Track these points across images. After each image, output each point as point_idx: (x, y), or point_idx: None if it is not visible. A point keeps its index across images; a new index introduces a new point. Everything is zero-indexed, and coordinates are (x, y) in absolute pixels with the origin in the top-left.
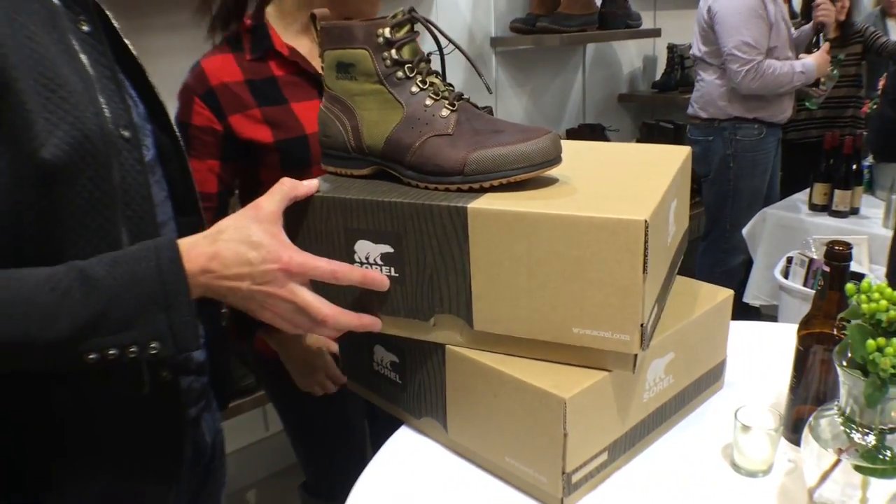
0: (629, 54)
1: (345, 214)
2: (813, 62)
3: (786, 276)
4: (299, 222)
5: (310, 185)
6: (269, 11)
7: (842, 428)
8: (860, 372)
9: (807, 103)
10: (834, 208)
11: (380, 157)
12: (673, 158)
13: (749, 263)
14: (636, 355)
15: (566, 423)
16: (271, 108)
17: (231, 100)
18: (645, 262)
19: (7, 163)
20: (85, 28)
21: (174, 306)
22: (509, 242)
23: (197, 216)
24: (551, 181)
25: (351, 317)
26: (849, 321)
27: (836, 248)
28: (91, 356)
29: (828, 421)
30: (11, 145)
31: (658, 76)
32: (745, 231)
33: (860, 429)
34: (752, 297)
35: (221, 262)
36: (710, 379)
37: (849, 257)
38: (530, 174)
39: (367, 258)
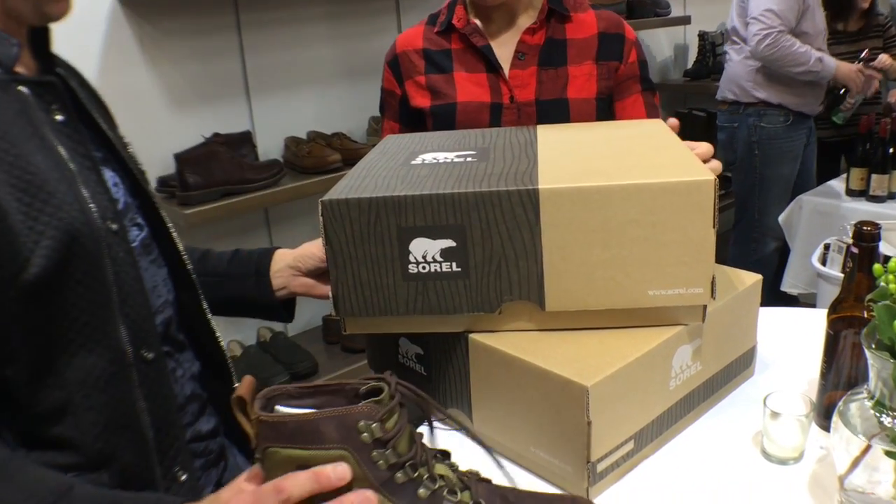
0: (659, 43)
1: (397, 213)
2: (835, 63)
3: (823, 263)
4: (345, 229)
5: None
6: None
7: (872, 412)
8: (888, 354)
9: (833, 118)
10: (871, 193)
11: None
12: (660, 126)
13: (783, 251)
14: (705, 305)
15: (589, 411)
16: (437, 76)
17: (408, 66)
18: (715, 217)
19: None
20: (58, 117)
21: None
22: (583, 218)
23: (195, 291)
24: (587, 158)
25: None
26: (877, 302)
27: (865, 228)
28: None
29: (857, 406)
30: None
31: (689, 64)
32: (780, 219)
33: (891, 413)
34: (789, 285)
35: None
36: (740, 366)
37: (877, 237)
38: None
39: (424, 257)
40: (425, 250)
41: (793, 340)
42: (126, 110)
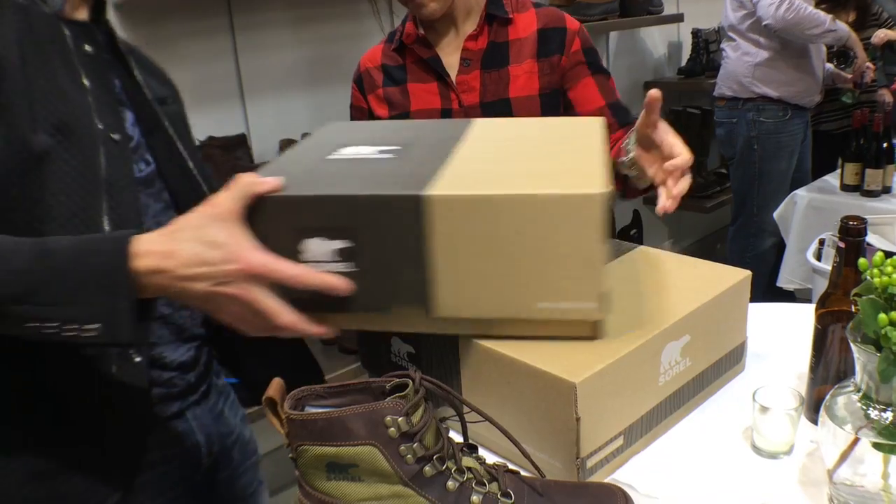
0: (653, 41)
1: (292, 213)
2: (846, 28)
3: (819, 258)
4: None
5: (270, 183)
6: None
7: (859, 406)
8: (874, 347)
9: (843, 98)
10: (866, 188)
11: None
12: (591, 127)
13: (780, 247)
14: (599, 321)
15: (577, 408)
16: (393, 88)
17: (370, 82)
18: (603, 232)
19: (2, 142)
20: (87, 48)
21: (116, 295)
22: (470, 227)
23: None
24: (494, 160)
25: (311, 327)
26: (862, 296)
27: (850, 223)
28: (29, 324)
29: (844, 399)
30: (6, 126)
31: (683, 62)
32: (776, 214)
33: (877, 406)
34: (785, 280)
35: (178, 261)
36: (730, 361)
37: (863, 232)
38: None
39: (316, 257)
40: (319, 249)
41: (782, 335)
42: None
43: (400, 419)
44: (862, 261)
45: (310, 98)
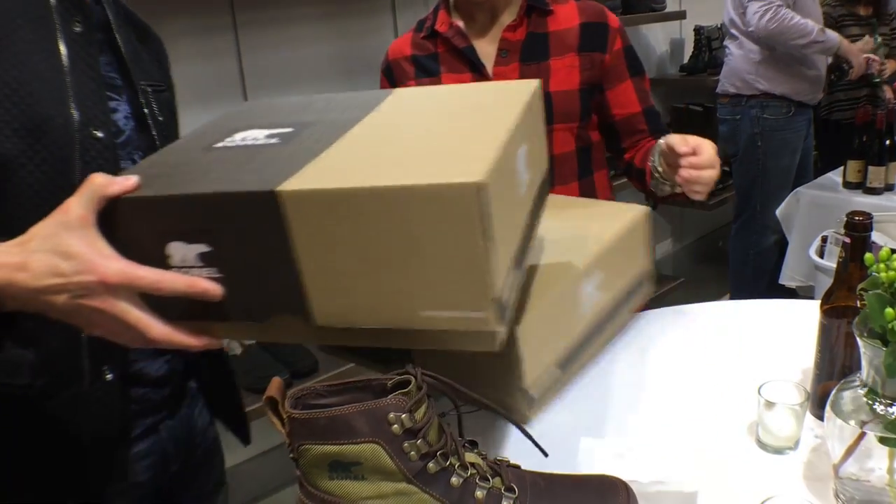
0: (656, 38)
1: (150, 215)
2: (838, 36)
3: (821, 255)
4: (106, 227)
5: (124, 183)
6: None
7: (865, 400)
8: (880, 342)
9: (875, 79)
10: (868, 185)
11: None
12: (516, 97)
13: (783, 244)
14: (496, 332)
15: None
16: (425, 79)
17: (400, 73)
18: (487, 229)
19: None
20: (77, 28)
21: None
22: (333, 225)
23: None
24: (381, 142)
25: (186, 339)
26: (869, 291)
27: (856, 218)
28: None
29: (850, 394)
30: None
31: (686, 59)
32: (778, 212)
33: (883, 400)
34: (787, 278)
35: (31, 273)
36: (638, 286)
37: (869, 227)
38: None
39: (183, 261)
40: (183, 254)
41: (787, 331)
42: None
43: (403, 416)
44: (868, 256)
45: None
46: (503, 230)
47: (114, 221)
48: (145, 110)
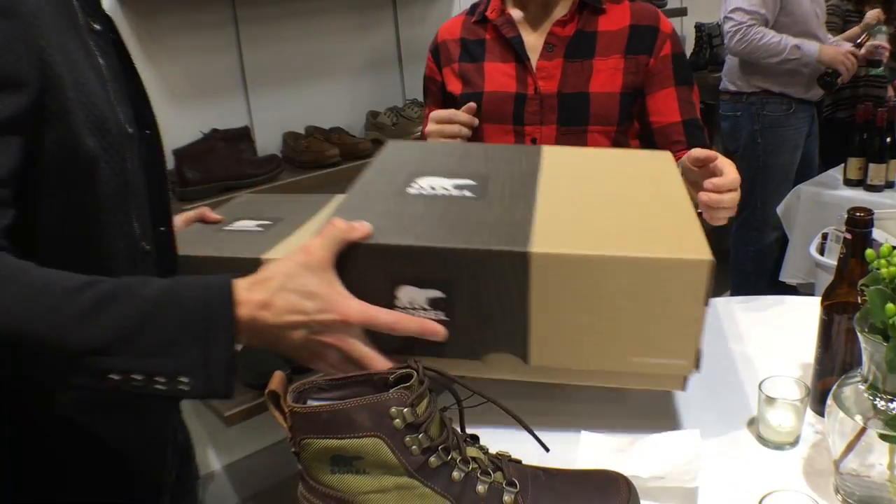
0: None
1: (387, 261)
2: (816, 45)
3: (821, 252)
4: (341, 270)
5: (362, 229)
6: None
7: (866, 396)
8: (881, 337)
9: (872, 71)
10: (869, 182)
11: None
12: (670, 170)
13: (783, 241)
14: (688, 376)
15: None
16: (469, 64)
17: (446, 54)
18: (706, 295)
19: (50, 151)
20: (96, 26)
21: (213, 342)
22: (573, 283)
23: (169, 228)
24: (584, 207)
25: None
26: (869, 287)
27: (857, 214)
28: (113, 376)
29: (851, 389)
30: (54, 132)
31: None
32: (779, 209)
33: (884, 396)
34: (788, 275)
35: (274, 311)
36: None
37: (870, 223)
38: None
39: (411, 303)
40: (413, 298)
41: (788, 328)
42: None
43: (405, 410)
44: (869, 252)
45: (314, 91)
46: None
47: (348, 264)
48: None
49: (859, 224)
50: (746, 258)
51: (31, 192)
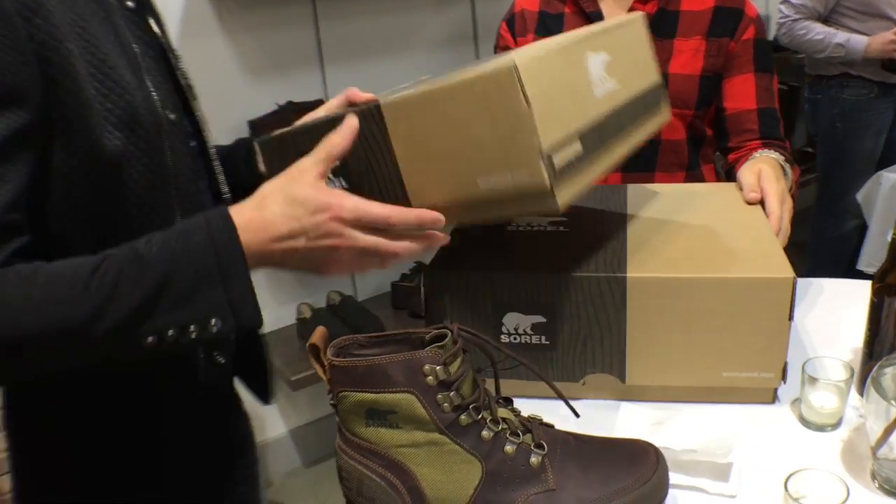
0: None
1: (493, 289)
2: (863, 41)
3: None
4: (444, 297)
5: (348, 130)
6: None
7: None
8: None
9: None
10: None
11: None
12: (757, 213)
13: (863, 229)
14: (776, 389)
15: (525, 93)
16: (544, 37)
17: (521, 25)
18: (792, 311)
19: (63, 158)
20: (129, 3)
21: (231, 278)
22: (667, 305)
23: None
24: (678, 241)
25: (424, 240)
26: None
27: None
28: (149, 339)
29: (893, 371)
30: (67, 138)
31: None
32: (859, 195)
33: None
34: (865, 263)
35: (272, 226)
36: (652, 100)
37: None
38: None
39: (516, 329)
40: (517, 323)
41: (844, 311)
42: (203, 79)
43: (438, 368)
44: None
45: (388, 66)
46: None
47: (458, 291)
48: (181, 82)
49: None
50: (824, 245)
51: (54, 201)
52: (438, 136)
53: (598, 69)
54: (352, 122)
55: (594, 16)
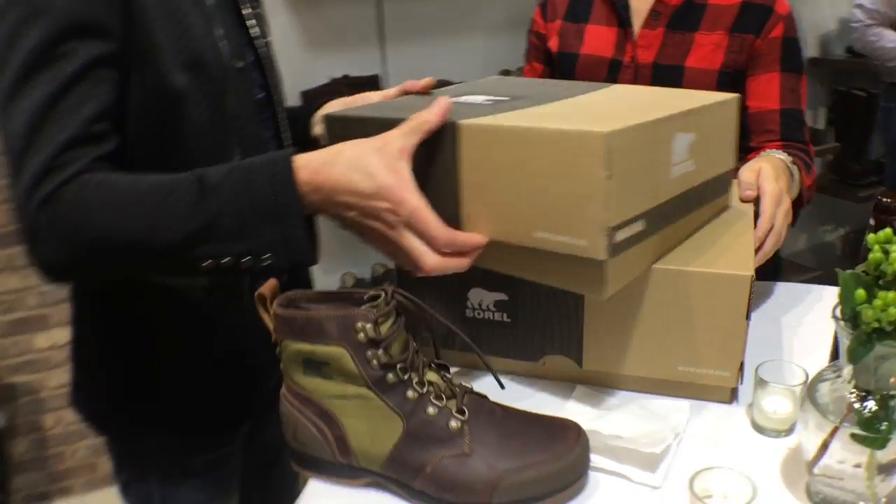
0: (822, 15)
1: None
2: None
3: None
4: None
5: (440, 109)
6: None
7: (842, 393)
8: (851, 326)
9: None
10: None
11: (380, 475)
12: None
13: None
14: (734, 388)
15: (607, 164)
16: (571, 24)
17: (552, 10)
18: (748, 310)
19: (136, 89)
20: None
21: (286, 218)
22: (624, 293)
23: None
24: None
25: (455, 262)
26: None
27: (885, 199)
28: (206, 263)
29: (829, 386)
30: (139, 72)
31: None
32: None
33: (858, 393)
34: None
35: (332, 185)
36: (722, 186)
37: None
38: (562, 495)
39: (479, 304)
40: (481, 299)
41: (815, 318)
42: None
43: (368, 326)
44: (870, 236)
45: (449, 45)
46: None
47: None
48: (253, 32)
49: (887, 210)
50: None
51: (128, 124)
52: (510, 175)
53: (682, 149)
54: (444, 103)
55: (620, 5)
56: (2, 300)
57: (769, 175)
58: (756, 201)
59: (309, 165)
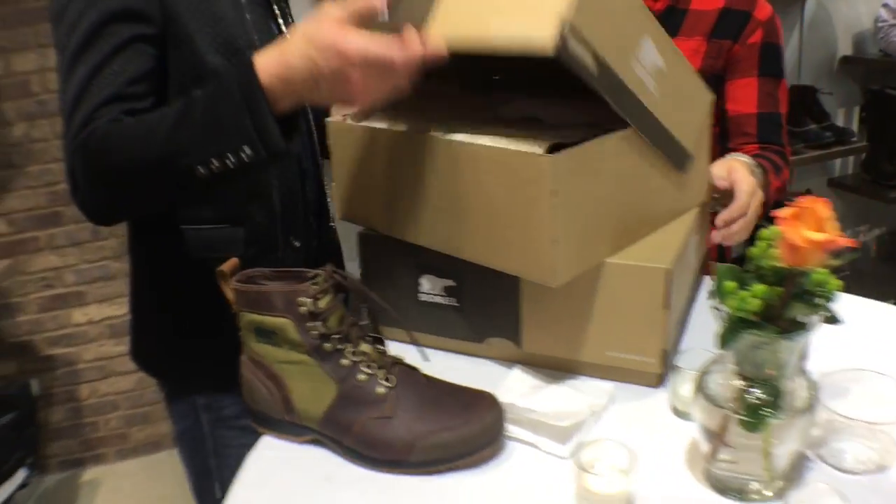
0: (856, 13)
1: (415, 253)
2: None
3: None
4: (380, 259)
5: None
6: None
7: (731, 382)
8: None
9: None
10: None
11: (318, 432)
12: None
13: None
14: (659, 374)
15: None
16: None
17: None
18: (666, 300)
19: (174, 64)
20: None
21: (255, 110)
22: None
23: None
24: None
25: (417, 46)
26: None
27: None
28: (200, 170)
29: (719, 377)
30: (177, 52)
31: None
32: None
33: (743, 382)
34: None
35: (288, 57)
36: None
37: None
38: (473, 458)
39: (430, 290)
40: (432, 285)
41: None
42: None
43: (308, 300)
44: (762, 231)
45: None
46: (675, 301)
47: (382, 255)
48: (281, 21)
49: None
50: None
51: (168, 97)
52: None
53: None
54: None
55: None
56: (42, 277)
57: (740, 169)
58: (726, 197)
59: (265, 55)
